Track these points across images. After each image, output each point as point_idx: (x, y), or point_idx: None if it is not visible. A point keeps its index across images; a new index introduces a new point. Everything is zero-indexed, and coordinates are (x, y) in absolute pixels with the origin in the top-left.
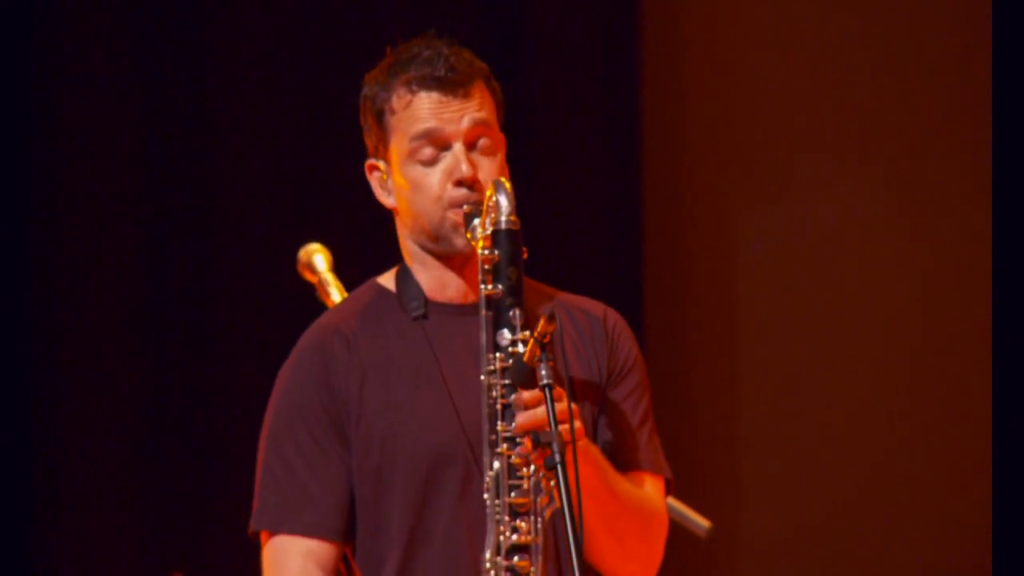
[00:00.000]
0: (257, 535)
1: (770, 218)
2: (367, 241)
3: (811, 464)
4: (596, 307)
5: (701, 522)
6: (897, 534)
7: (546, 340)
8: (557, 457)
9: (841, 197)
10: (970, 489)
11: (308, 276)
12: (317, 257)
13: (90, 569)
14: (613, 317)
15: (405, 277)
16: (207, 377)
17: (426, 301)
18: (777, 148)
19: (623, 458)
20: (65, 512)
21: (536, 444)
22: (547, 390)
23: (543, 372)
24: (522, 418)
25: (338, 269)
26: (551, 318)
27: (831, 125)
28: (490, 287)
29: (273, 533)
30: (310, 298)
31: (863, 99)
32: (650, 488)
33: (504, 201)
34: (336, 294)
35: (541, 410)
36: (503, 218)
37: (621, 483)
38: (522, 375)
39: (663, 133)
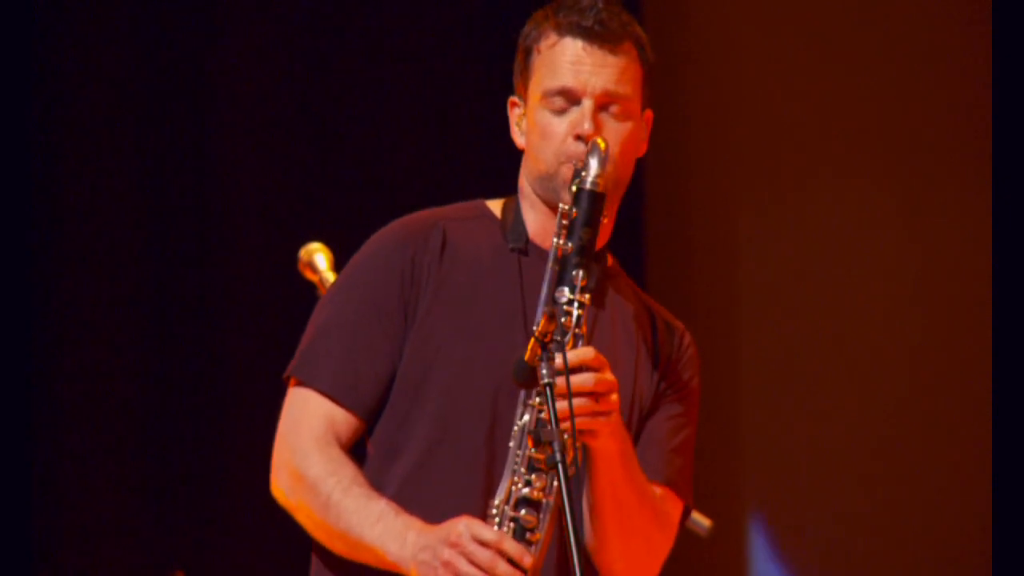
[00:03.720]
0: (288, 380)
1: (771, 219)
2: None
3: (812, 463)
4: (677, 324)
5: (702, 521)
6: (897, 533)
7: (547, 340)
8: (558, 456)
9: (842, 198)
10: (970, 489)
11: (309, 275)
12: (318, 256)
13: (91, 567)
14: (689, 339)
15: (514, 210)
16: (209, 375)
17: (527, 239)
18: (778, 149)
19: (653, 471)
20: (66, 510)
21: (537, 442)
22: (547, 389)
23: (543, 371)
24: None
25: (339, 268)
26: (551, 318)
27: (832, 125)
28: (562, 242)
29: (304, 384)
30: (311, 297)
31: (864, 100)
32: (667, 503)
33: (594, 163)
34: None
35: (587, 376)
36: (589, 178)
37: (640, 476)
38: (523, 374)
39: (664, 136)
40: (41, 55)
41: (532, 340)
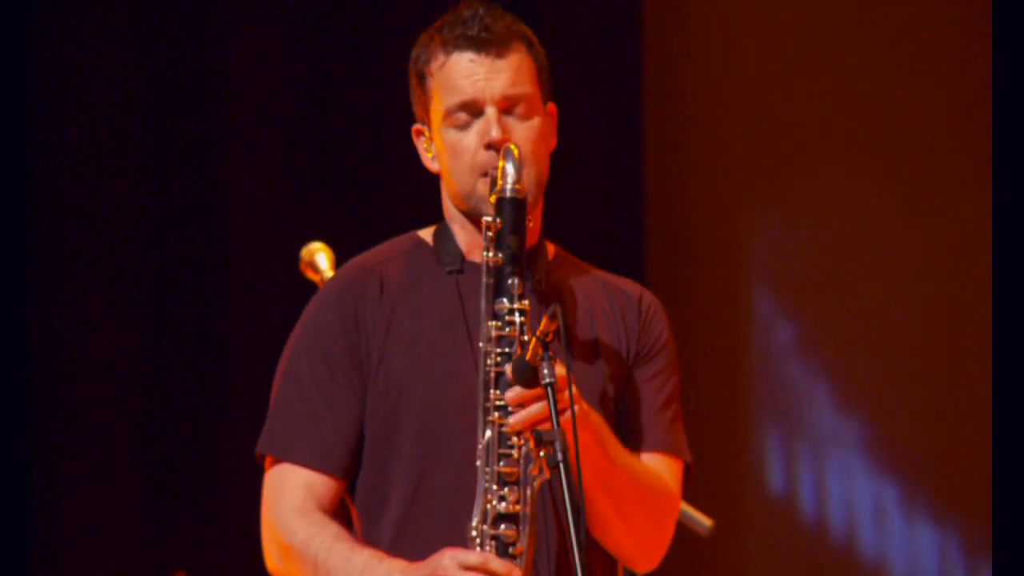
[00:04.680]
0: (263, 459)
1: (772, 219)
2: (369, 240)
3: (814, 461)
4: (633, 287)
5: (703, 520)
6: (899, 535)
7: (548, 339)
8: (560, 456)
9: (842, 198)
10: (971, 489)
11: (310, 275)
12: (319, 256)
13: (92, 567)
14: (648, 298)
15: (444, 234)
16: (210, 375)
17: (462, 258)
18: (778, 149)
19: (642, 437)
20: (66, 510)
21: (539, 443)
22: (549, 388)
23: (545, 371)
24: (515, 418)
25: (340, 267)
26: (553, 317)
27: (832, 125)
28: (492, 255)
29: (277, 460)
30: (312, 297)
31: (864, 100)
32: (665, 469)
33: (511, 168)
34: None
35: (535, 407)
36: (508, 186)
37: (624, 455)
38: (524, 374)
39: (664, 136)
40: (41, 55)
41: (534, 340)
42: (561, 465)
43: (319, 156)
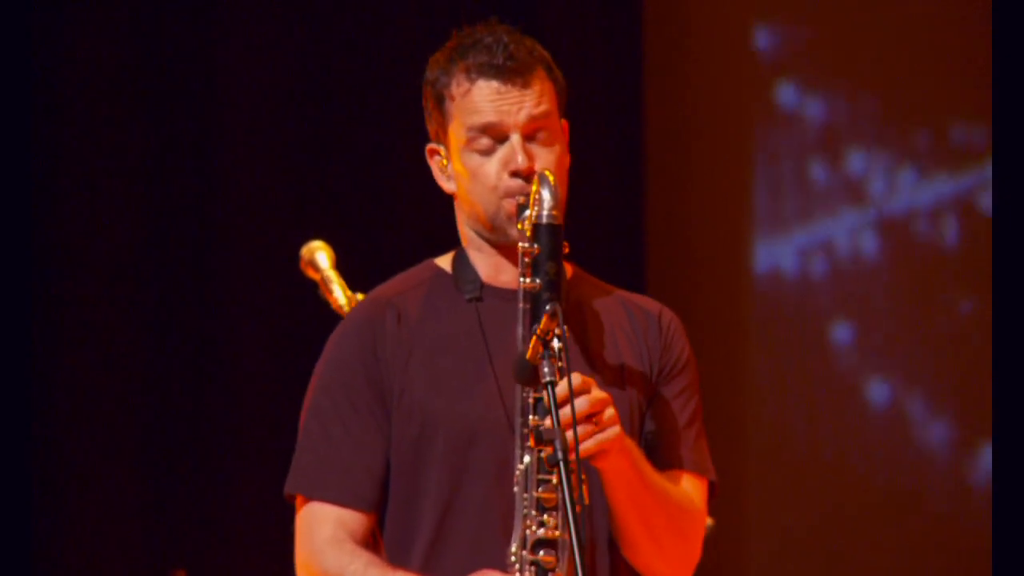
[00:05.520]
0: (292, 498)
1: (772, 219)
2: (370, 239)
3: (817, 463)
4: (653, 305)
5: None
6: (898, 542)
7: (549, 338)
8: (559, 455)
9: (843, 197)
10: (972, 489)
11: (311, 273)
12: (320, 254)
13: (92, 567)
14: (668, 316)
15: (462, 260)
16: (210, 374)
17: (482, 285)
18: (778, 148)
19: (667, 456)
20: (66, 510)
21: (539, 441)
22: (549, 388)
23: (546, 370)
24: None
25: (340, 266)
26: (554, 315)
27: (833, 125)
28: (529, 280)
29: (307, 498)
30: (313, 296)
31: (864, 100)
32: (691, 488)
33: (547, 195)
34: (339, 291)
35: (580, 400)
36: (545, 212)
37: (655, 477)
38: (524, 372)
39: (664, 136)
40: (41, 55)
41: (534, 339)
42: (561, 464)
43: (319, 156)
